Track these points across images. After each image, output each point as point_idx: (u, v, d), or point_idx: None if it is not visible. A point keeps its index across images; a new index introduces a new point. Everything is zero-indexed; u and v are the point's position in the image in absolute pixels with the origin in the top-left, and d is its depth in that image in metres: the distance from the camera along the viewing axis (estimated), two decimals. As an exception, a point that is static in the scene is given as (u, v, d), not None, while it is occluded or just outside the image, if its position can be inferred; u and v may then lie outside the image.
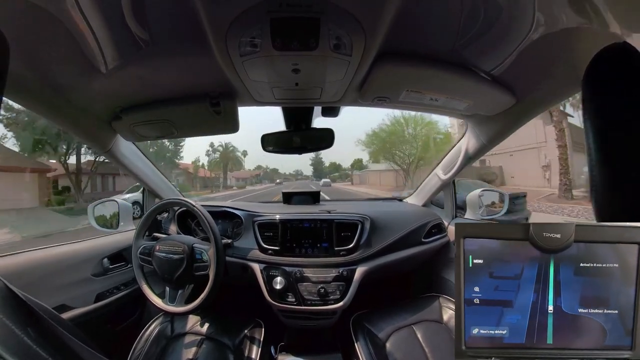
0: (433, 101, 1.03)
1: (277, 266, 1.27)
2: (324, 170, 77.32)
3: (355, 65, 0.81)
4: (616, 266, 0.43)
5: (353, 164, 71.09)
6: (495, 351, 0.46)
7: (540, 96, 0.95)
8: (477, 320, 0.46)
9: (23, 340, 0.37)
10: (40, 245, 1.17)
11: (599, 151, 0.47)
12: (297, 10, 0.62)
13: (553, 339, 0.44)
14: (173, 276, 1.12)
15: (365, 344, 1.15)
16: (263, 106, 1.12)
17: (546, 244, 0.44)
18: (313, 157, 78.06)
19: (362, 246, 1.31)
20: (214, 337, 1.20)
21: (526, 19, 0.65)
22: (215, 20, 0.63)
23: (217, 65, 0.80)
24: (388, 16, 0.63)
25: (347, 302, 1.22)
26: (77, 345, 0.47)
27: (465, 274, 0.46)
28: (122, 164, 1.35)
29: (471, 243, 0.46)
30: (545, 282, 0.45)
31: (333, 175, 63.76)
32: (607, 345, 0.44)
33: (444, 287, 1.58)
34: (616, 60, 0.47)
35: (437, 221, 1.60)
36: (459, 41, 0.76)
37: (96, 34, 0.66)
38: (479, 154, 1.39)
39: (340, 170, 74.05)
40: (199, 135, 1.35)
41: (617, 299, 0.43)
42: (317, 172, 77.60)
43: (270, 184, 52.87)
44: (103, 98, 0.98)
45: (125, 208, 1.54)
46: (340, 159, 77.07)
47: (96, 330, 1.22)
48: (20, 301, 0.44)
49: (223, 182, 37.75)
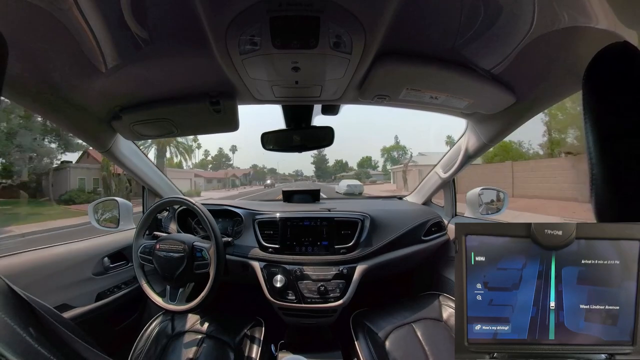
0: (433, 99, 1.03)
1: (278, 264, 1.28)
2: (328, 170, 72.96)
3: (355, 63, 0.80)
4: (617, 262, 0.44)
5: (362, 162, 66.60)
6: (497, 347, 0.46)
7: (540, 95, 0.95)
8: (479, 316, 0.46)
9: (25, 339, 0.37)
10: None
11: (599, 151, 0.47)
12: (297, 9, 0.62)
13: (555, 335, 0.45)
14: (173, 275, 1.12)
15: (365, 341, 1.16)
16: (263, 104, 1.12)
17: (548, 241, 0.45)
18: (315, 154, 73.55)
19: (362, 244, 1.32)
20: (214, 335, 1.20)
21: (526, 18, 0.65)
22: (215, 19, 0.63)
23: (217, 63, 0.80)
24: (388, 14, 0.63)
25: (347, 300, 1.22)
26: (79, 344, 0.47)
27: (467, 271, 0.46)
28: (121, 163, 1.35)
29: (473, 240, 0.47)
30: (547, 278, 0.45)
31: (340, 175, 58.38)
32: (609, 340, 0.44)
33: (444, 285, 1.58)
34: (616, 59, 0.47)
35: (437, 219, 1.60)
36: (459, 40, 0.75)
37: (96, 34, 0.66)
38: (479, 153, 1.39)
39: (347, 169, 68.68)
40: (199, 134, 1.37)
41: (618, 295, 0.44)
42: (320, 171, 72.66)
43: (253, 187, 41.93)
44: (103, 97, 0.98)
45: (126, 207, 1.54)
46: (346, 157, 73.50)
47: (97, 329, 1.22)
48: (22, 301, 0.45)
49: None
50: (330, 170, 73.18)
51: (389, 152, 58.69)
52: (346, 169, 70.04)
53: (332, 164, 76.26)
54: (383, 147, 60.99)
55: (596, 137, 0.47)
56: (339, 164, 75.01)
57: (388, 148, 59.46)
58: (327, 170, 73.52)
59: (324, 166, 74.93)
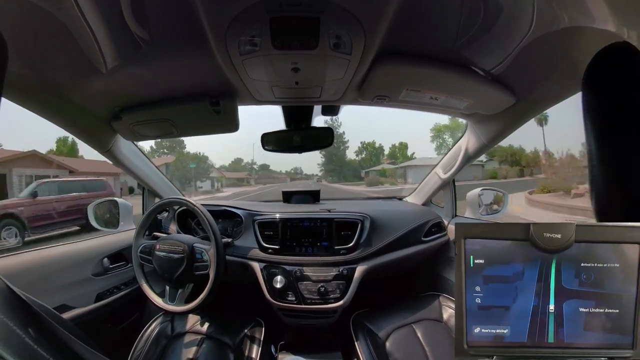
0: (433, 100, 1.03)
1: (277, 265, 1.27)
2: (349, 163, 45.26)
3: (355, 64, 0.80)
4: (617, 266, 0.44)
5: (395, 150, 41.76)
6: (497, 350, 0.46)
7: (540, 96, 0.95)
8: (478, 319, 0.46)
9: (24, 340, 0.37)
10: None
11: (599, 151, 0.47)
12: (297, 10, 0.62)
13: (554, 338, 0.45)
14: (173, 275, 1.12)
15: (365, 342, 1.15)
16: (263, 105, 1.12)
17: (547, 244, 0.44)
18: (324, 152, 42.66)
19: (362, 245, 1.31)
20: (214, 336, 1.20)
21: (526, 18, 0.65)
22: (215, 19, 0.63)
23: (217, 64, 0.80)
24: (388, 15, 0.63)
25: (347, 300, 1.22)
26: (78, 345, 0.47)
27: (467, 274, 0.46)
28: (121, 164, 1.35)
29: (472, 243, 0.46)
30: (547, 281, 0.45)
31: (375, 172, 36.61)
32: (608, 344, 0.44)
33: (444, 286, 1.58)
34: (616, 59, 0.47)
35: (437, 220, 1.60)
36: (459, 40, 0.75)
37: (96, 34, 0.66)
38: (478, 153, 1.39)
39: (382, 159, 42.91)
40: (199, 135, 1.36)
41: (618, 299, 0.44)
42: (333, 163, 44.70)
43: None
44: (103, 98, 0.98)
45: (125, 207, 1.54)
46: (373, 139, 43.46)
47: (97, 329, 1.22)
48: (21, 301, 0.44)
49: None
50: (354, 163, 45.54)
51: (439, 134, 38.78)
52: (381, 159, 44.22)
53: (354, 150, 46.99)
54: (435, 125, 39.48)
55: (596, 138, 0.47)
56: (370, 149, 45.19)
57: (439, 127, 38.56)
58: (348, 162, 45.29)
59: (341, 154, 44.57)
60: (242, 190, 28.74)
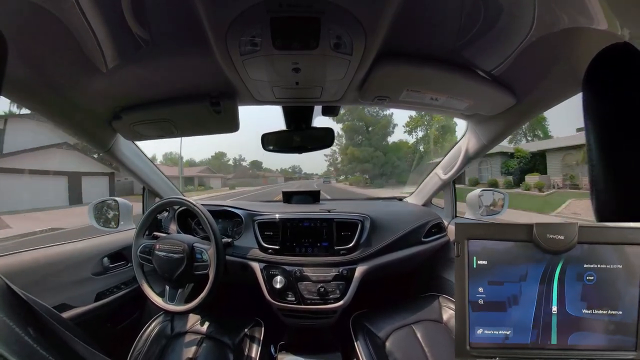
0: (433, 101, 1.03)
1: (277, 265, 1.27)
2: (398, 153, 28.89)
3: (356, 64, 0.80)
4: (620, 267, 0.43)
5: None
6: (499, 351, 0.46)
7: (541, 96, 0.95)
8: (481, 320, 0.46)
9: (23, 339, 0.37)
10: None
11: (599, 151, 0.47)
12: (298, 10, 0.62)
13: (557, 340, 0.44)
14: (173, 275, 1.12)
15: (365, 343, 1.15)
16: (263, 105, 1.12)
17: (550, 245, 0.44)
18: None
19: (362, 245, 1.31)
20: (213, 336, 1.20)
21: (526, 19, 0.65)
22: (216, 19, 0.63)
23: (218, 64, 0.80)
24: (388, 16, 0.63)
25: (347, 301, 1.22)
26: (78, 344, 0.47)
27: (470, 275, 0.46)
28: (122, 164, 1.35)
29: (475, 244, 0.46)
30: (549, 283, 0.45)
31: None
32: (611, 345, 0.44)
33: (444, 286, 1.58)
34: (617, 60, 0.47)
35: (437, 221, 1.60)
36: (459, 41, 0.75)
37: (96, 34, 0.66)
38: (479, 154, 1.39)
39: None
40: (199, 135, 1.36)
41: (620, 300, 0.43)
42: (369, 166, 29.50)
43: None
44: (103, 97, 0.97)
45: (126, 207, 1.54)
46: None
47: (96, 329, 1.22)
48: (20, 300, 0.44)
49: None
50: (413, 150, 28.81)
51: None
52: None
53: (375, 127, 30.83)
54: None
55: (597, 138, 0.47)
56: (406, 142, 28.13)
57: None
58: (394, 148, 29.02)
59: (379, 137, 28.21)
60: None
